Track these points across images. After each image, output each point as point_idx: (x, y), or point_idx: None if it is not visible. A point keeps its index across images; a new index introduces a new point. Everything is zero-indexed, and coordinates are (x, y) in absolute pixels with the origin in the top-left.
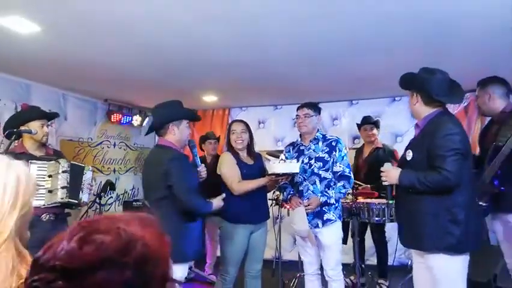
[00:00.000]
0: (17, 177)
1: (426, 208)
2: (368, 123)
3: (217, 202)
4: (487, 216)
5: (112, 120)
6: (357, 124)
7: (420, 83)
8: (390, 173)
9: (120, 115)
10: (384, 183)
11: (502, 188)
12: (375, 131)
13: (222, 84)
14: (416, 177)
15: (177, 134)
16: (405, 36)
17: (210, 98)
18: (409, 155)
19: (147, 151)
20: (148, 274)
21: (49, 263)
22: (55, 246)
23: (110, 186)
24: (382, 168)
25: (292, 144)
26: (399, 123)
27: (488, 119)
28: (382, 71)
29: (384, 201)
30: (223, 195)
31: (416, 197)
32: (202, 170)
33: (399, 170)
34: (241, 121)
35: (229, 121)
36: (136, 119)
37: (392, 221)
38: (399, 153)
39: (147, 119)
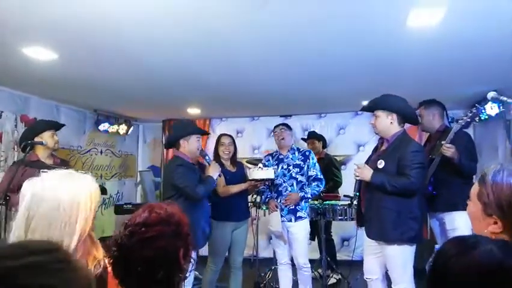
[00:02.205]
0: (96, 188)
1: (392, 206)
2: (310, 137)
3: (213, 171)
4: None
5: (100, 129)
6: (303, 138)
7: (399, 106)
8: (364, 171)
9: (107, 124)
10: (356, 178)
11: (435, 192)
12: (317, 144)
13: (205, 99)
14: (386, 179)
15: (187, 147)
16: (361, 67)
17: (193, 111)
18: (381, 164)
19: (131, 157)
20: (180, 229)
21: (134, 222)
22: (135, 216)
23: (102, 190)
24: (358, 165)
25: (271, 154)
26: (361, 134)
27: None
28: (345, 91)
29: (346, 202)
30: (214, 162)
31: (383, 197)
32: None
33: (372, 170)
34: (229, 135)
35: (210, 130)
36: (122, 128)
37: (352, 219)
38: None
39: (132, 128)
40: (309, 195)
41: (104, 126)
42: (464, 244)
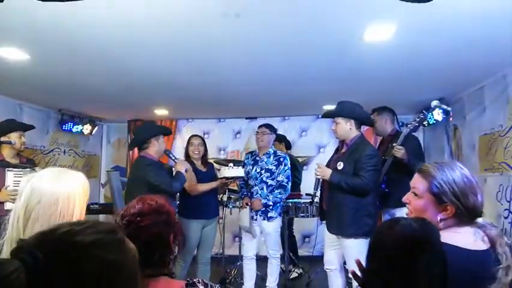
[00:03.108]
0: (87, 183)
1: (350, 204)
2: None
3: (181, 166)
4: None
5: (64, 129)
6: None
7: (357, 112)
8: (325, 171)
9: (72, 124)
10: (317, 176)
11: (387, 190)
12: (279, 145)
13: (173, 100)
14: (343, 178)
15: (157, 146)
16: (323, 75)
17: (161, 111)
18: (340, 166)
19: (93, 157)
20: (170, 218)
21: (130, 213)
22: (130, 207)
23: None
24: (319, 164)
25: (251, 153)
26: (322, 137)
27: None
28: (307, 96)
29: (308, 200)
30: (180, 159)
31: (343, 196)
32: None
33: (331, 170)
34: (199, 136)
35: (176, 131)
36: (87, 128)
37: (313, 216)
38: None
39: (96, 128)
40: (270, 203)
41: (68, 126)
42: (391, 222)
